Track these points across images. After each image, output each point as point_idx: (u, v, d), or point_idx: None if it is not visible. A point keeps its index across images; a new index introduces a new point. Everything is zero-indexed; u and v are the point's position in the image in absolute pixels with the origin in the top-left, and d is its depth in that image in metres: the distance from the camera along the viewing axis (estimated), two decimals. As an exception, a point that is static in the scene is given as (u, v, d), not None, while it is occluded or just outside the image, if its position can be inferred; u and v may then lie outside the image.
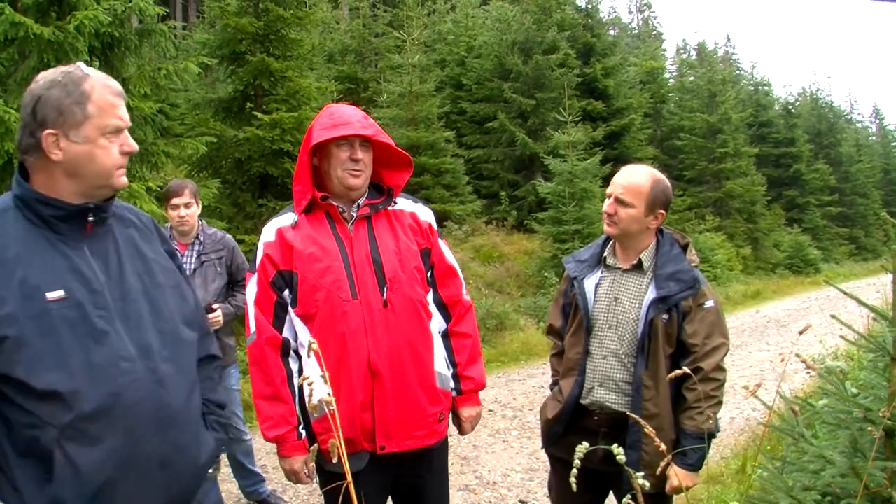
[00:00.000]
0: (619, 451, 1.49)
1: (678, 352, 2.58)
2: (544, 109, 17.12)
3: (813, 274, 21.95)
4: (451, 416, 2.68)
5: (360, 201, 2.50)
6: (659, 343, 2.53)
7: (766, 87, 33.71)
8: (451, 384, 2.61)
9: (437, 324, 2.60)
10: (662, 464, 1.71)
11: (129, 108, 6.42)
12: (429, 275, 2.60)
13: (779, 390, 2.11)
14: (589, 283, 2.71)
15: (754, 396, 2.01)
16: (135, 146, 1.80)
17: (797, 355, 2.19)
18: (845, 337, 2.27)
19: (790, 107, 32.71)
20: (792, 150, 28.92)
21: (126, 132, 1.79)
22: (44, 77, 1.74)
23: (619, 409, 2.59)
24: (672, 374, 2.10)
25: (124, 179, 1.80)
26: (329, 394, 1.64)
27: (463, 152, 16.61)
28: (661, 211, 2.64)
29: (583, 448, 1.49)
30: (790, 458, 2.23)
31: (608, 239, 2.76)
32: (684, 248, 2.69)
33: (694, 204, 21.97)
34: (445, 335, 2.63)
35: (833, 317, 2.18)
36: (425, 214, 2.64)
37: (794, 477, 2.13)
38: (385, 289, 2.41)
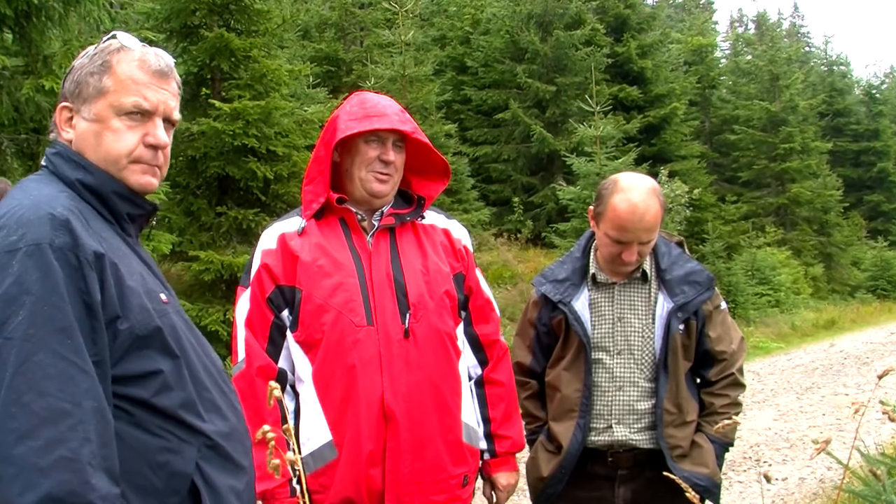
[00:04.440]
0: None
1: (697, 363, 2.73)
2: (566, 97, 17.19)
3: (901, 299, 21.92)
4: (482, 483, 2.67)
5: (384, 209, 2.51)
6: (678, 358, 2.66)
7: (843, 68, 33.91)
8: (483, 443, 2.60)
9: (467, 366, 2.60)
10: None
11: (51, 92, 6.49)
12: (462, 305, 2.61)
13: (855, 445, 2.08)
14: (579, 306, 2.73)
15: (826, 453, 1.98)
16: (163, 139, 1.75)
17: (881, 402, 2.16)
18: (941, 379, 2.25)
19: (874, 91, 32.80)
20: (875, 144, 28.98)
21: (159, 122, 1.74)
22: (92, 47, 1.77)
23: (645, 447, 2.65)
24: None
25: (147, 180, 1.75)
26: (294, 451, 1.63)
27: (467, 149, 16.67)
28: None
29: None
30: (873, 530, 2.20)
31: (587, 251, 2.79)
32: (679, 245, 2.81)
33: (751, 212, 21.99)
34: (480, 383, 2.64)
35: (925, 354, 2.16)
36: (460, 233, 2.67)
37: (878, 555, 2.10)
38: (407, 316, 2.41)
